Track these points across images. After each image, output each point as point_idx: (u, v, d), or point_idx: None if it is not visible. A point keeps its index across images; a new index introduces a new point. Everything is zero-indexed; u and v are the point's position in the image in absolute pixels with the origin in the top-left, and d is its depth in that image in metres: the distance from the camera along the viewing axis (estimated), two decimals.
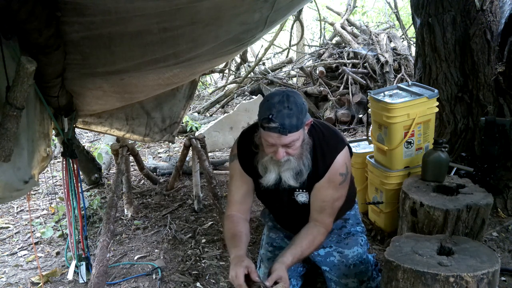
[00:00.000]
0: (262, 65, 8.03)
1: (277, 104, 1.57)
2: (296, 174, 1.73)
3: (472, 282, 1.50)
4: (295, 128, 1.58)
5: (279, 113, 1.55)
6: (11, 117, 1.28)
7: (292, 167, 1.70)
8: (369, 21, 9.21)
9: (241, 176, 1.89)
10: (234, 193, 1.92)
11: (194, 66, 2.53)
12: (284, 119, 1.55)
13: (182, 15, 1.62)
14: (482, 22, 3.04)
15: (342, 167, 1.78)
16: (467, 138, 3.19)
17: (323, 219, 1.83)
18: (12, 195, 1.61)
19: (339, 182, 1.78)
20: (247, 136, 1.85)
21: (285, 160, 1.67)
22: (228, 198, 1.97)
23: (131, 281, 2.53)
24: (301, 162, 1.70)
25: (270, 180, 1.74)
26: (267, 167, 1.73)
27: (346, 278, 1.98)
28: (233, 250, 1.71)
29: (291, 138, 1.59)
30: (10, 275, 2.71)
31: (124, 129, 3.41)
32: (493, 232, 2.74)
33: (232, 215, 1.87)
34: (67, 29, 1.51)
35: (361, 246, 2.04)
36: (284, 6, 2.14)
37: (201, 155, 3.41)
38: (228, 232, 1.82)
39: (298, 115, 1.58)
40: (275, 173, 1.73)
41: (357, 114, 5.98)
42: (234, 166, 1.90)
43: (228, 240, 1.80)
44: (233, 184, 1.92)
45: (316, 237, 1.79)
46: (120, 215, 3.46)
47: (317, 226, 1.81)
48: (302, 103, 1.63)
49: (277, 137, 1.58)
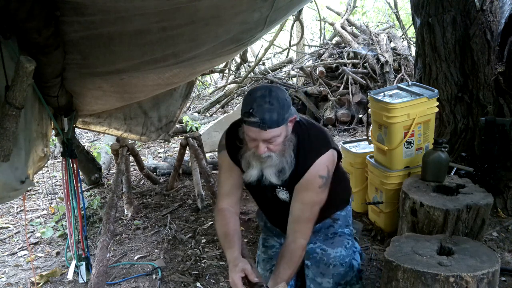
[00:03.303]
0: (262, 65, 8.03)
1: (258, 99, 1.55)
2: (279, 172, 1.70)
3: (472, 282, 1.50)
4: (275, 123, 1.54)
5: (259, 107, 1.53)
6: (10, 116, 1.28)
7: (274, 163, 1.67)
8: (369, 21, 9.20)
9: (229, 167, 1.86)
10: (223, 184, 1.90)
11: (193, 66, 2.52)
12: (264, 114, 1.52)
13: (181, 14, 1.62)
14: (482, 22, 3.04)
15: (323, 170, 1.72)
16: (467, 138, 3.18)
17: (301, 227, 1.77)
18: (10, 195, 1.60)
19: (319, 185, 1.73)
20: (235, 128, 1.82)
21: (266, 156, 1.64)
22: (218, 190, 1.96)
23: (131, 281, 2.53)
24: (284, 159, 1.67)
25: (252, 175, 1.71)
26: (250, 162, 1.71)
27: (322, 276, 1.96)
28: (228, 252, 1.71)
29: (272, 134, 1.56)
30: (10, 275, 2.70)
31: (122, 128, 3.41)
32: (493, 232, 2.74)
33: (223, 209, 1.85)
34: (67, 28, 1.50)
35: (345, 249, 2.01)
36: (284, 5, 2.13)
37: (198, 154, 3.41)
38: (221, 230, 1.81)
39: (279, 111, 1.55)
40: (257, 169, 1.70)
41: (357, 114, 5.98)
42: (223, 157, 1.87)
43: (221, 239, 1.80)
44: (222, 176, 1.90)
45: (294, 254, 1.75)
46: (120, 215, 3.46)
47: (295, 240, 1.77)
48: (285, 99, 1.59)
49: (257, 131, 1.56)
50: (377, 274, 2.44)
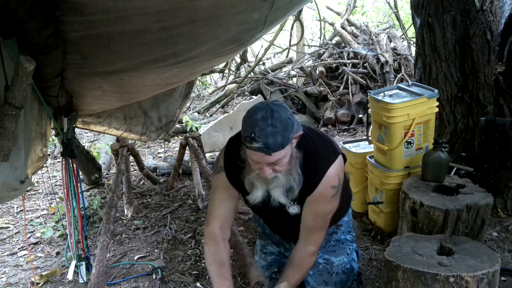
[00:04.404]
0: (262, 65, 8.03)
1: (259, 122, 1.44)
2: (287, 191, 1.63)
3: (472, 282, 1.50)
4: (280, 146, 1.45)
5: (262, 131, 1.42)
6: (10, 116, 1.28)
7: (281, 184, 1.59)
8: (369, 21, 9.19)
9: (226, 189, 1.77)
10: (217, 207, 1.79)
11: (193, 66, 2.52)
12: (268, 138, 1.42)
13: (181, 13, 1.61)
14: (482, 22, 3.04)
15: (334, 180, 1.68)
16: (467, 138, 3.18)
17: (313, 236, 1.75)
18: (10, 194, 1.60)
19: (331, 195, 1.69)
20: (233, 147, 1.71)
21: (272, 177, 1.55)
22: (209, 211, 1.84)
23: (131, 281, 2.53)
24: (292, 178, 1.59)
25: (257, 197, 1.63)
26: (254, 183, 1.62)
27: (325, 285, 1.95)
28: (220, 283, 1.63)
29: (277, 157, 1.47)
30: (10, 275, 2.70)
31: (122, 128, 3.42)
32: (493, 232, 2.74)
33: (215, 234, 1.76)
34: (66, 28, 1.50)
35: (347, 256, 2.01)
36: (284, 5, 2.13)
37: (198, 154, 3.42)
38: (213, 256, 1.72)
39: (283, 133, 1.45)
40: (263, 190, 1.62)
41: (357, 114, 5.98)
42: (220, 179, 1.76)
43: (212, 266, 1.70)
44: (217, 197, 1.79)
45: (304, 260, 1.74)
46: (120, 215, 3.46)
47: (306, 246, 1.74)
48: (288, 118, 1.48)
49: (261, 156, 1.46)
50: (377, 274, 2.44)
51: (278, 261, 2.08)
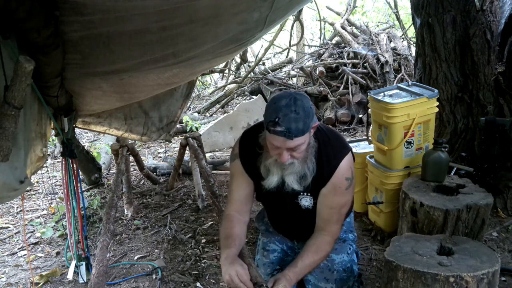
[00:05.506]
0: (262, 65, 8.03)
1: (284, 108, 1.53)
2: (300, 178, 1.70)
3: (472, 282, 1.50)
4: (301, 132, 1.54)
5: (285, 116, 1.52)
6: (9, 116, 1.28)
7: (296, 170, 1.67)
8: (369, 21, 9.20)
9: (242, 176, 1.87)
10: (234, 192, 1.90)
11: (193, 66, 2.52)
12: (291, 124, 1.51)
13: (181, 13, 1.61)
14: (482, 22, 3.04)
15: (348, 171, 1.76)
16: (467, 138, 3.18)
17: (330, 227, 1.80)
18: (10, 195, 1.60)
19: (345, 186, 1.76)
20: (249, 136, 1.83)
21: (289, 164, 1.64)
22: (228, 197, 1.96)
23: (131, 281, 2.53)
24: (306, 165, 1.67)
25: (273, 182, 1.71)
26: (270, 169, 1.70)
27: (325, 282, 1.96)
28: (224, 251, 1.69)
29: (297, 142, 1.56)
30: (10, 275, 2.70)
31: (122, 128, 3.41)
32: (493, 232, 2.74)
33: (231, 215, 1.86)
34: (66, 28, 1.50)
35: (348, 255, 2.02)
36: (284, 5, 2.13)
37: (198, 154, 3.41)
38: (223, 232, 1.81)
39: (305, 120, 1.54)
40: (278, 176, 1.70)
41: (357, 114, 5.98)
42: (235, 166, 1.88)
43: (222, 240, 1.79)
44: (234, 184, 1.90)
45: (320, 246, 1.77)
46: (120, 215, 3.46)
47: (322, 235, 1.79)
48: (310, 107, 1.58)
49: (282, 140, 1.55)
50: (377, 274, 2.44)
51: (280, 258, 2.08)
